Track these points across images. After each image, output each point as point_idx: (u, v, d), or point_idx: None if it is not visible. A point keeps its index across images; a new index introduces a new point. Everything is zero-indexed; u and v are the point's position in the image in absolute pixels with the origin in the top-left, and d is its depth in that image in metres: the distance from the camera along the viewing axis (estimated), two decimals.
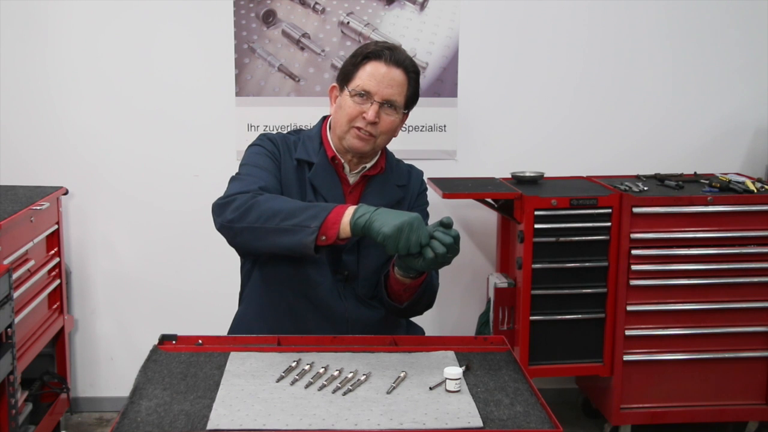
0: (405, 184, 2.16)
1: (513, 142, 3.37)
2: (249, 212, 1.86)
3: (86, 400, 3.43)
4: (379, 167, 2.11)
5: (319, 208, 1.84)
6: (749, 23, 3.36)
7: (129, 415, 1.50)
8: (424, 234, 1.75)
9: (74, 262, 3.34)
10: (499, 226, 3.26)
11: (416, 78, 2.07)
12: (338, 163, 2.08)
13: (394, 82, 2.00)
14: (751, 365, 3.05)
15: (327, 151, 2.08)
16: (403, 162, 2.23)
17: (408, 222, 1.73)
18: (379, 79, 1.99)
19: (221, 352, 1.80)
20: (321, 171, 2.06)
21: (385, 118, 2.01)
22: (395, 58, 2.01)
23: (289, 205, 1.85)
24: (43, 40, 3.19)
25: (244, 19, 3.21)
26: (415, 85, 2.07)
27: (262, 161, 2.04)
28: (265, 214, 1.84)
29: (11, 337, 2.39)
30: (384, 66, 2.00)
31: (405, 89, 2.03)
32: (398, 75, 2.01)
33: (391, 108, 2.01)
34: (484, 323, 3.15)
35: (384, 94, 1.99)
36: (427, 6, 3.24)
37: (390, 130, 2.04)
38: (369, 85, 1.99)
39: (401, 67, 2.01)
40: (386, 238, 1.73)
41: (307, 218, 1.81)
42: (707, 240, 2.95)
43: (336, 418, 1.48)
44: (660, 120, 3.41)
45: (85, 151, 3.27)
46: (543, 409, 1.55)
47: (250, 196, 1.88)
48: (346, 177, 2.09)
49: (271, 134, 2.12)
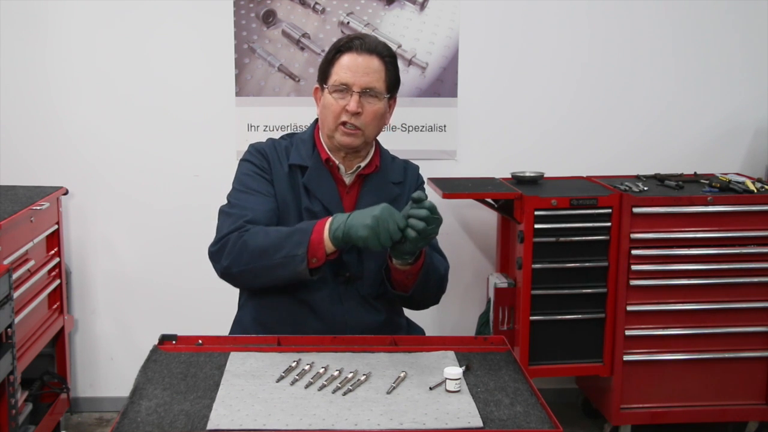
0: (401, 181, 2.16)
1: (513, 142, 3.37)
2: (241, 255, 1.91)
3: (86, 400, 3.43)
4: (374, 165, 2.11)
5: (301, 232, 1.86)
6: (749, 23, 3.36)
7: (129, 415, 1.50)
8: (398, 218, 1.78)
9: (74, 262, 3.34)
10: (499, 226, 3.26)
11: (392, 61, 2.07)
12: (333, 164, 2.08)
13: (369, 70, 2.01)
14: (751, 365, 3.05)
15: (321, 154, 2.08)
16: (398, 158, 2.23)
17: (378, 216, 1.76)
18: (354, 69, 2.00)
19: (221, 352, 1.80)
20: (315, 174, 2.06)
21: (368, 107, 2.01)
22: (366, 46, 2.01)
23: (274, 238, 1.88)
24: (43, 40, 3.19)
25: (244, 19, 3.21)
26: (393, 68, 2.07)
27: (250, 182, 2.05)
28: (255, 253, 1.89)
29: (11, 337, 2.39)
30: (356, 56, 2.01)
31: (383, 74, 2.03)
32: (372, 62, 2.01)
33: (373, 96, 2.02)
34: (484, 323, 3.15)
35: (362, 83, 2.00)
36: (427, 6, 3.24)
37: (376, 118, 2.04)
38: (345, 77, 2.00)
39: (374, 54, 2.02)
40: (366, 239, 1.77)
41: (293, 246, 1.85)
42: (707, 240, 2.95)
43: (336, 418, 1.48)
44: (660, 120, 3.41)
45: (85, 151, 3.27)
46: (543, 409, 1.55)
47: (237, 236, 1.92)
48: (342, 178, 2.09)
49: (260, 144, 2.12)
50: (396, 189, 2.13)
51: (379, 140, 2.19)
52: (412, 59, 3.27)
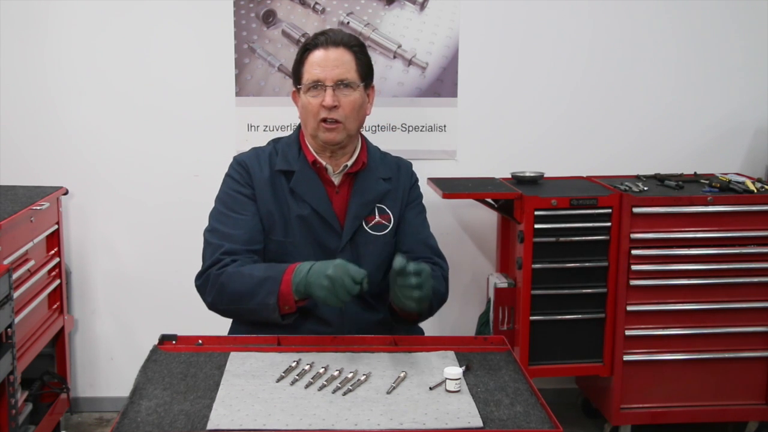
0: (392, 177, 2.15)
1: (513, 142, 3.37)
2: (222, 294, 1.95)
3: (86, 400, 3.43)
4: (361, 162, 2.11)
5: (272, 280, 1.87)
6: (749, 23, 3.36)
7: (129, 415, 1.50)
8: (354, 272, 1.76)
9: (74, 262, 3.34)
10: (499, 226, 3.26)
11: (361, 50, 2.08)
12: (320, 166, 2.08)
13: (338, 62, 2.02)
14: (751, 365, 3.05)
15: (307, 156, 2.09)
16: (391, 155, 2.23)
17: (332, 276, 1.77)
18: (323, 64, 2.01)
19: (221, 352, 1.80)
20: (302, 178, 2.07)
21: (344, 99, 2.02)
22: (332, 40, 2.03)
23: (248, 284, 1.90)
24: (42, 40, 3.19)
25: (244, 19, 3.21)
26: (363, 57, 2.07)
27: (231, 202, 2.07)
28: (233, 296, 1.93)
29: (11, 337, 2.39)
30: (323, 51, 2.02)
31: (353, 65, 2.04)
32: (340, 54, 2.02)
33: (347, 87, 2.02)
34: (484, 323, 3.15)
35: (333, 76, 2.01)
36: (427, 6, 3.24)
37: (354, 109, 2.04)
38: (316, 74, 2.01)
39: (341, 46, 2.03)
40: (324, 299, 1.80)
41: (265, 295, 1.87)
42: (707, 240, 2.95)
43: (336, 418, 1.48)
44: (660, 120, 3.40)
45: (85, 151, 3.27)
46: (543, 409, 1.55)
47: (216, 274, 1.96)
48: (330, 179, 2.09)
49: (242, 156, 2.13)
50: (386, 185, 2.13)
51: (366, 137, 2.19)
52: (412, 59, 3.27)
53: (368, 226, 2.10)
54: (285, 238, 2.06)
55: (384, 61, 3.25)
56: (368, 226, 2.10)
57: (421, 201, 2.22)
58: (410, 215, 2.17)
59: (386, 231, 2.11)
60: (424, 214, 2.23)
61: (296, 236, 2.06)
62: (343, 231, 2.07)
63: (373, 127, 3.26)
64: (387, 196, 2.12)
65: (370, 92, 2.12)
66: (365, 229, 2.09)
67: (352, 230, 2.07)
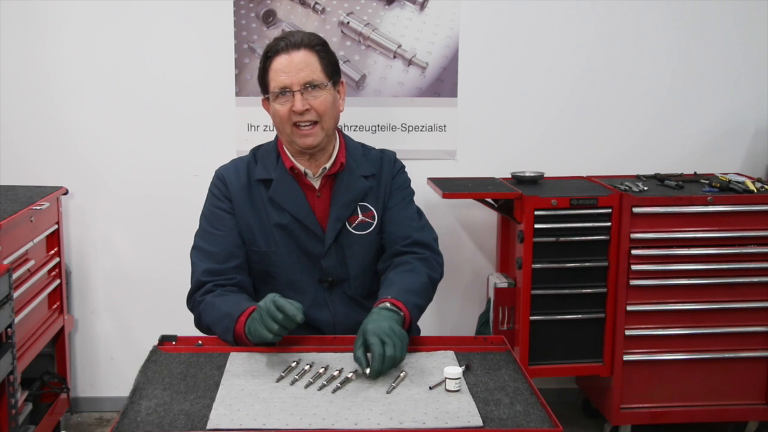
0: (374, 174, 2.12)
1: (513, 142, 3.37)
2: (200, 322, 2.01)
3: (86, 400, 3.43)
4: (339, 163, 2.08)
5: (230, 318, 1.85)
6: (749, 23, 3.36)
7: (129, 415, 1.51)
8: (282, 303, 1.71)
9: (74, 262, 3.34)
10: (499, 226, 3.26)
11: (324, 48, 2.04)
12: (298, 172, 2.07)
13: (302, 65, 1.99)
14: (751, 365, 3.05)
15: (285, 163, 2.07)
16: (374, 149, 2.19)
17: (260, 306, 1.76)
18: (287, 70, 1.99)
19: (221, 352, 1.81)
20: (280, 186, 2.06)
21: (314, 101, 2.00)
22: (292, 43, 2.00)
23: (215, 316, 1.91)
24: (42, 39, 3.19)
25: (244, 19, 3.21)
26: (327, 55, 2.04)
27: (212, 218, 2.08)
28: (207, 325, 1.96)
29: (11, 337, 2.39)
30: (286, 56, 1.99)
31: (318, 65, 2.01)
32: (302, 56, 1.99)
33: (315, 88, 2.00)
34: (484, 323, 3.15)
35: (298, 80, 1.98)
36: (427, 6, 3.24)
37: (327, 109, 2.02)
38: (282, 80, 1.99)
39: (302, 47, 2.00)
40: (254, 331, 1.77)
41: (223, 332, 1.88)
42: (707, 240, 2.95)
43: (336, 418, 1.49)
44: (660, 119, 3.40)
45: (85, 151, 3.27)
46: (543, 409, 1.55)
47: (198, 301, 1.99)
48: (310, 184, 2.08)
49: (221, 169, 2.13)
50: (367, 182, 2.10)
51: (346, 135, 2.17)
52: (412, 59, 3.27)
53: (352, 227, 2.07)
54: (267, 248, 2.06)
55: (384, 61, 3.25)
56: (352, 226, 2.07)
57: (406, 187, 2.17)
58: (392, 203, 2.12)
59: (371, 229, 2.09)
60: (408, 200, 2.16)
61: (278, 245, 2.05)
62: (326, 235, 2.05)
63: (373, 127, 3.27)
64: (369, 193, 2.09)
65: (340, 88, 2.09)
66: (349, 229, 2.07)
67: (335, 233, 2.05)
